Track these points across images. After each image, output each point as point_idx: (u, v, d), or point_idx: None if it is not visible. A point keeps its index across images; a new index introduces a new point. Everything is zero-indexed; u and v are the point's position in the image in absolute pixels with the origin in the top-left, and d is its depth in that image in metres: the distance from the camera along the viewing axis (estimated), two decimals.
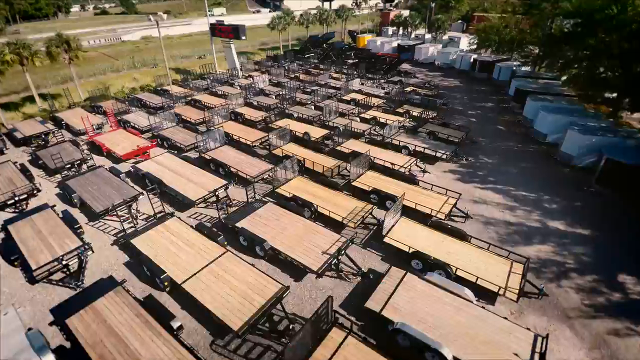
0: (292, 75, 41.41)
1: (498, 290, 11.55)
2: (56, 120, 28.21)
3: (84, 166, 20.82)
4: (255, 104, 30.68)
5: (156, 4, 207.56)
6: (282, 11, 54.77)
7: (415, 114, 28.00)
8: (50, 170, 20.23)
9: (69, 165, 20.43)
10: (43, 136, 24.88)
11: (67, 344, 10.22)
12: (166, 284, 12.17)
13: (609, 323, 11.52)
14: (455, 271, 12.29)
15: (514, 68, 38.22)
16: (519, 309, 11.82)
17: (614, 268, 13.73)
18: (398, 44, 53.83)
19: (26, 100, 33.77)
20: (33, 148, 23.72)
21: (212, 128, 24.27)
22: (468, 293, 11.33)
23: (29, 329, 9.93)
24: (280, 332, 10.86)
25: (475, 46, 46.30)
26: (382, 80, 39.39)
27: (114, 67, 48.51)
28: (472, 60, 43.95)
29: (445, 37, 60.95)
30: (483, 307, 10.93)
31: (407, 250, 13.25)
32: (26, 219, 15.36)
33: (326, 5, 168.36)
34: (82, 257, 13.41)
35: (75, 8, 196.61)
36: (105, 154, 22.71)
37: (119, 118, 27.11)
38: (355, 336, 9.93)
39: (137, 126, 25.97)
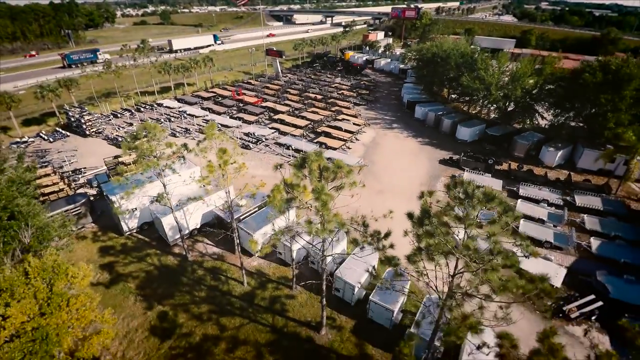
0: (307, 76, 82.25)
1: (361, 125, 52.42)
2: (210, 92, 69.08)
3: (241, 105, 61.76)
4: (293, 87, 71.68)
5: (187, 16, 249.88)
6: (301, 39, 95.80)
7: (360, 91, 69.02)
8: (225, 107, 61.08)
9: (233, 105, 61.23)
10: (217, 97, 66.00)
11: None
12: None
13: (382, 130, 52.45)
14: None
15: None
16: (365, 127, 52.73)
17: (393, 124, 54.70)
18: (366, 58, 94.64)
19: (189, 84, 75.14)
20: (213, 102, 64.60)
21: (281, 95, 65.11)
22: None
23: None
24: None
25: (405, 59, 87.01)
26: (352, 78, 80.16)
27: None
28: (399, 68, 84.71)
29: (398, 53, 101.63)
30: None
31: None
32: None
33: (328, 20, 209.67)
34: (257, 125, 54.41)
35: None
36: (243, 102, 63.34)
37: (243, 91, 68.13)
38: None
39: (246, 94, 67.09)
